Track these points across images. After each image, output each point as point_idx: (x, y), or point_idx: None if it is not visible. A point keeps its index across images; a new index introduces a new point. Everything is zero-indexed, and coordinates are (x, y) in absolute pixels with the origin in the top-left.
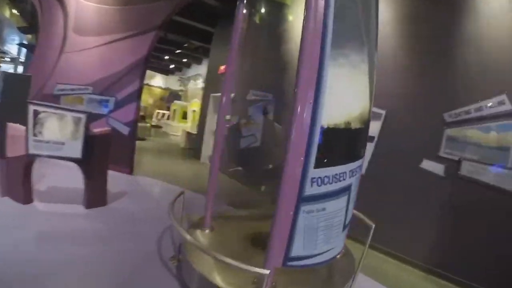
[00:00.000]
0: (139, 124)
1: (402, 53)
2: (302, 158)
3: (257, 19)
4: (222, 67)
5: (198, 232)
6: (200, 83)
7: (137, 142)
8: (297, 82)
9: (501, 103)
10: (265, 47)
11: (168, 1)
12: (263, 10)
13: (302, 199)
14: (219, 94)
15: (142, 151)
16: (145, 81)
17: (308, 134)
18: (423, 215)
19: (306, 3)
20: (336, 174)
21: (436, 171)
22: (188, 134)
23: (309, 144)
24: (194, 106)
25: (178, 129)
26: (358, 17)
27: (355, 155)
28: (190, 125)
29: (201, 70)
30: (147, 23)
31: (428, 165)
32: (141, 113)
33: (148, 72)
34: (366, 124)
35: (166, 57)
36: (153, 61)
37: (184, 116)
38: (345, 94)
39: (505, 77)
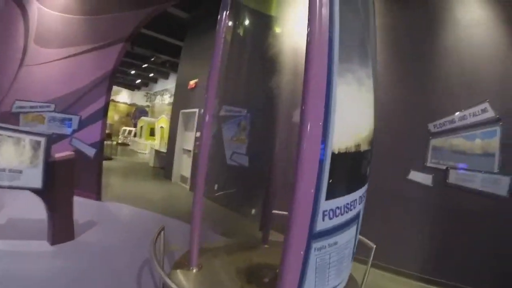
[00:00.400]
0: (105, 142)
1: (384, 65)
2: (312, 191)
3: (236, 30)
4: (192, 82)
5: (184, 273)
6: (167, 99)
7: (104, 163)
8: (304, 102)
9: (484, 110)
10: (241, 60)
11: (137, 12)
12: (243, 21)
13: (313, 236)
14: (189, 110)
15: (109, 172)
16: (111, 97)
17: (319, 161)
18: (415, 226)
19: (309, 13)
20: (348, 204)
21: (425, 182)
22: (157, 152)
23: (320, 173)
24: (162, 122)
25: (146, 147)
26: (361, 27)
27: (364, 180)
28: (158, 143)
29: (168, 85)
30: (114, 34)
31: (416, 176)
32: (107, 131)
33: (114, 87)
34: (372, 144)
35: (132, 72)
36: (119, 76)
37: (152, 133)
38: (354, 113)
39: (486, 86)
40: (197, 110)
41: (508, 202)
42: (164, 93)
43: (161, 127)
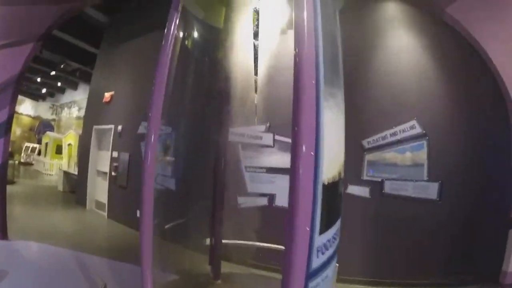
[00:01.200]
0: None
1: None
2: (307, 228)
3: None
4: (108, 95)
5: None
6: (75, 112)
7: None
8: (297, 132)
9: (412, 127)
10: (179, 73)
11: (54, 7)
12: (190, 33)
13: (310, 275)
14: (104, 126)
15: (12, 200)
16: None
17: (313, 196)
18: (358, 236)
19: (295, 35)
20: (334, 234)
21: (362, 194)
22: (67, 174)
23: (314, 207)
24: (70, 138)
25: (52, 167)
26: (336, 47)
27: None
28: (66, 162)
29: (77, 96)
30: (25, 32)
31: (353, 189)
32: None
33: None
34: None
35: (38, 79)
36: (23, 83)
37: (58, 151)
38: (336, 140)
39: (413, 105)
40: (113, 126)
41: (439, 203)
42: (72, 106)
43: (69, 144)
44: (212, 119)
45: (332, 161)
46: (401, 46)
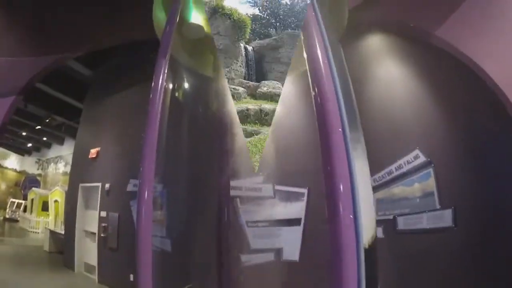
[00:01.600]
0: None
1: (311, 128)
2: None
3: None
4: (94, 151)
5: None
6: (62, 167)
7: None
8: (331, 193)
9: (416, 157)
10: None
11: (35, 59)
12: (175, 80)
13: None
14: (91, 184)
15: None
16: None
17: (357, 268)
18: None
19: (311, 74)
20: None
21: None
22: (53, 233)
23: (359, 279)
24: (56, 195)
25: (38, 224)
26: (350, 89)
27: None
28: (53, 220)
29: (63, 151)
30: (6, 84)
31: None
32: None
33: (1, 150)
34: None
35: (23, 134)
36: (8, 136)
37: (45, 208)
38: (370, 193)
39: (413, 134)
40: (100, 184)
41: (455, 230)
42: (58, 161)
43: (56, 201)
44: (210, 172)
45: (367, 218)
46: (392, 77)
